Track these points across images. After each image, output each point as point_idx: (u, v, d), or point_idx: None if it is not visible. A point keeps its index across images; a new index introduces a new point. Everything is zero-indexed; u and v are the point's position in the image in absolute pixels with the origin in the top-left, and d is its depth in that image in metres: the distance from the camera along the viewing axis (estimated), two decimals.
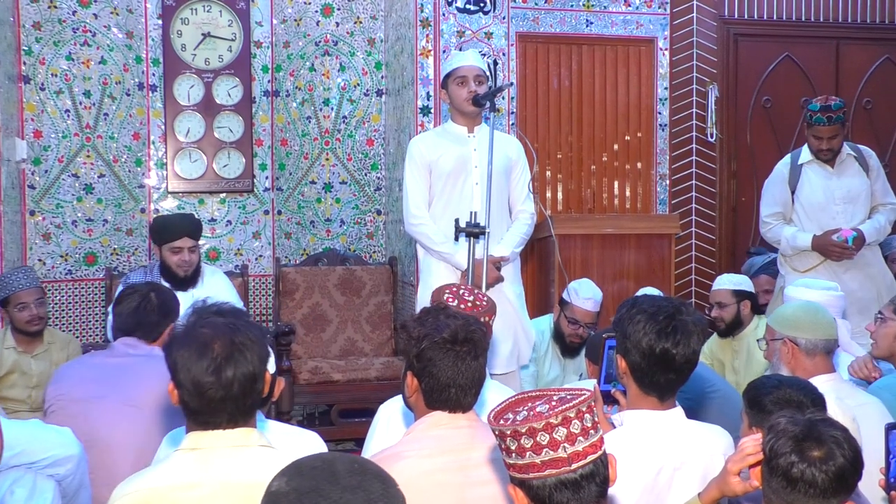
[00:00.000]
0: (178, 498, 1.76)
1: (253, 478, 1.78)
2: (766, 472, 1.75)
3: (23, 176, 5.25)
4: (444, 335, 2.04)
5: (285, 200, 5.82)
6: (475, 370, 2.06)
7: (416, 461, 1.99)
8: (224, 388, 1.78)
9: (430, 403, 2.08)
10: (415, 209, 3.80)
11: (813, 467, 1.69)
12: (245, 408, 1.83)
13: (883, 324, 3.10)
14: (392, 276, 5.67)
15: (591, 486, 1.56)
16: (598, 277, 4.88)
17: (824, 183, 4.40)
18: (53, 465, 2.26)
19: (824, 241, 4.28)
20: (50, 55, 5.32)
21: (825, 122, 4.29)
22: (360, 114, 5.92)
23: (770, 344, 2.87)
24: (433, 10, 5.18)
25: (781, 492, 1.72)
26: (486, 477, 2.00)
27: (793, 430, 1.73)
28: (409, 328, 2.11)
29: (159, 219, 4.69)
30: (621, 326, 2.22)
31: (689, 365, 2.18)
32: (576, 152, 5.57)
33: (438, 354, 2.04)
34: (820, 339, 2.76)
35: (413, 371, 2.08)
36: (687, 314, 2.18)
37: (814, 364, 2.75)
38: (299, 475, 1.38)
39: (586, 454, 1.55)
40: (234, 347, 1.80)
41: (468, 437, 2.04)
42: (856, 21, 5.95)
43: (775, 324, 2.85)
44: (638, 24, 5.54)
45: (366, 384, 5.11)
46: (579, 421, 1.55)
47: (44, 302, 4.31)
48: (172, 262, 4.24)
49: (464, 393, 2.06)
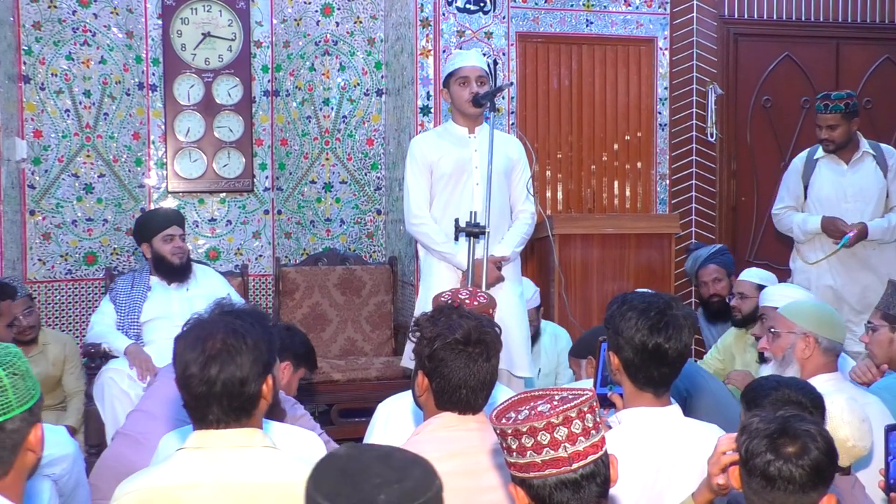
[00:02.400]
0: (179, 497, 1.77)
1: (255, 478, 1.79)
2: (745, 473, 1.75)
3: (23, 176, 5.25)
4: (456, 336, 2.03)
5: (285, 200, 5.82)
6: (487, 372, 2.05)
7: None
8: (206, 385, 1.79)
9: (440, 404, 2.07)
10: (416, 209, 3.79)
11: (789, 463, 1.69)
12: (233, 409, 1.82)
13: (875, 333, 3.10)
14: (392, 275, 5.67)
15: (591, 486, 1.56)
16: (597, 277, 4.89)
17: (836, 179, 4.40)
18: (49, 464, 2.25)
19: (832, 222, 4.32)
20: (50, 55, 5.32)
21: (822, 109, 4.35)
22: (360, 113, 5.92)
23: (784, 336, 2.80)
24: (433, 10, 5.18)
25: (762, 492, 1.72)
26: (496, 481, 1.99)
27: (766, 428, 1.73)
28: (421, 328, 2.09)
29: (142, 217, 4.70)
30: (612, 323, 2.23)
31: (681, 358, 2.20)
32: (576, 152, 5.57)
33: (450, 355, 2.02)
34: (838, 340, 2.79)
35: (424, 371, 2.07)
36: (677, 308, 2.21)
37: (825, 363, 2.75)
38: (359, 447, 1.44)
39: (587, 454, 1.56)
40: (225, 348, 1.80)
41: (478, 439, 2.03)
42: (856, 21, 5.95)
43: (797, 318, 2.80)
44: (638, 23, 5.54)
45: (366, 384, 5.11)
46: (580, 421, 1.55)
47: (33, 310, 4.27)
48: (167, 251, 4.24)
49: (475, 394, 2.05)
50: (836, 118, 4.31)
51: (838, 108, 4.30)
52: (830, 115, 4.32)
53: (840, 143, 4.36)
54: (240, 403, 1.82)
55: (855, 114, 4.38)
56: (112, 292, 4.43)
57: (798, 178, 4.50)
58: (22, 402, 1.58)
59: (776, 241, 5.78)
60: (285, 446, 2.01)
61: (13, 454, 1.57)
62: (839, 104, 4.30)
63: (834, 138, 4.34)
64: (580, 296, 4.83)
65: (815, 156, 4.47)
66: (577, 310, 4.66)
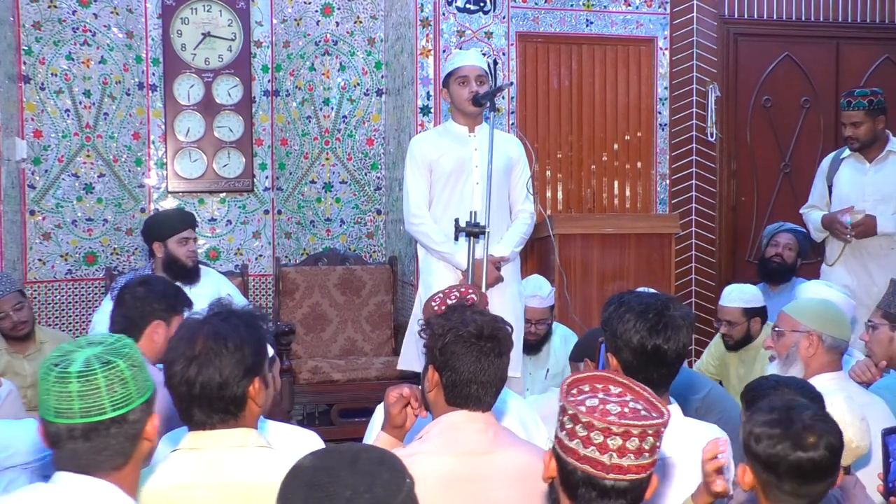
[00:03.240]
0: (175, 498, 1.77)
1: (250, 478, 1.79)
2: (774, 479, 1.75)
3: (23, 176, 5.25)
4: (469, 329, 2.01)
5: (285, 200, 5.82)
6: (498, 368, 2.03)
7: (429, 462, 1.95)
8: (186, 386, 1.81)
9: (450, 400, 2.04)
10: (415, 209, 3.79)
11: (813, 451, 1.72)
12: (215, 411, 1.82)
13: (875, 331, 3.09)
14: (392, 275, 5.67)
15: (619, 499, 1.54)
16: (597, 277, 4.89)
17: (857, 178, 4.33)
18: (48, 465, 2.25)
19: (832, 218, 4.29)
20: (50, 55, 5.32)
21: (845, 106, 4.27)
22: (360, 113, 5.92)
23: (788, 335, 2.79)
24: (433, 10, 5.18)
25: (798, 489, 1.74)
26: (502, 483, 1.98)
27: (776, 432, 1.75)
28: (432, 324, 2.08)
29: (159, 215, 4.69)
30: (610, 325, 2.23)
31: (679, 359, 2.21)
32: (576, 152, 5.56)
33: (462, 349, 2.01)
34: (843, 338, 2.77)
35: (435, 365, 2.05)
36: (675, 309, 2.20)
37: (829, 361, 2.75)
38: (325, 454, 1.43)
39: (628, 471, 1.52)
40: (204, 351, 1.81)
41: (487, 440, 2.01)
42: (856, 21, 5.94)
43: (801, 316, 2.79)
44: (638, 23, 5.54)
45: (366, 384, 5.11)
46: (639, 440, 1.51)
47: (24, 305, 4.22)
48: (182, 254, 4.19)
49: (485, 390, 2.02)
50: (860, 115, 4.22)
51: (862, 105, 4.20)
52: (854, 111, 4.22)
53: (865, 140, 4.25)
54: (221, 406, 1.82)
55: (880, 111, 4.25)
56: (114, 291, 4.42)
57: (823, 177, 4.44)
58: (141, 394, 1.63)
59: None
60: (284, 446, 2.01)
61: (133, 445, 1.62)
62: (863, 101, 4.21)
63: (858, 136, 4.24)
64: (580, 295, 4.83)
65: (842, 155, 4.40)
66: (576, 310, 4.65)
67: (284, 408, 4.57)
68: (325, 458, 1.42)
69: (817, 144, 5.91)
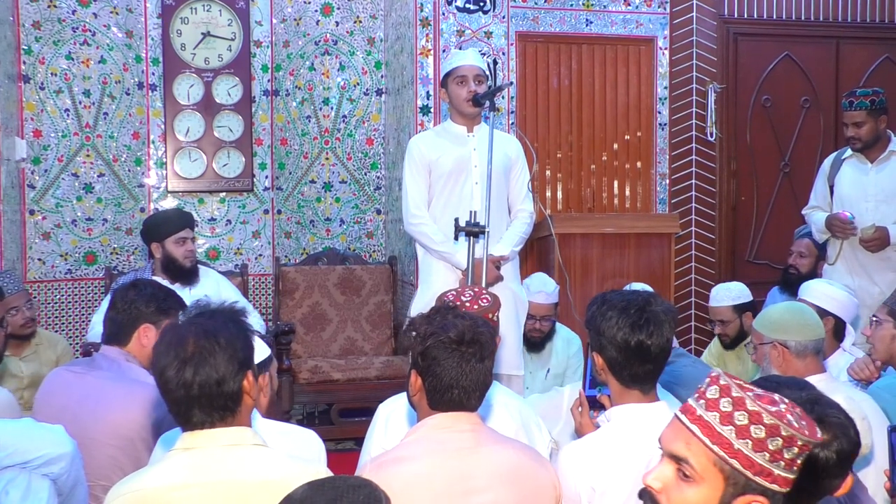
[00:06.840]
0: (172, 498, 1.77)
1: (246, 476, 1.78)
2: None
3: (22, 175, 5.25)
4: (450, 335, 2.00)
5: (285, 200, 5.82)
6: (480, 372, 2.02)
7: (414, 465, 1.96)
8: (184, 389, 1.80)
9: (432, 404, 2.04)
10: (414, 209, 3.79)
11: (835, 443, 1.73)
12: (215, 409, 1.83)
13: (878, 326, 3.07)
14: (392, 275, 5.66)
15: None
16: (597, 276, 4.89)
17: (858, 178, 4.32)
18: (47, 463, 2.25)
19: (832, 217, 4.28)
20: (49, 54, 5.32)
21: (847, 106, 4.27)
22: (359, 113, 5.92)
23: (759, 348, 2.81)
24: (433, 10, 5.18)
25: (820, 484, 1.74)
26: (488, 484, 1.98)
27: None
28: (416, 326, 2.08)
29: (157, 215, 4.68)
30: (594, 324, 2.25)
31: (663, 354, 2.22)
32: (576, 152, 5.56)
33: (443, 354, 2.00)
34: (809, 339, 2.73)
35: (417, 369, 2.05)
36: (656, 304, 2.22)
37: (805, 365, 2.71)
38: (314, 488, 1.49)
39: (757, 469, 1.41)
40: (197, 350, 1.81)
41: (471, 441, 2.01)
42: (856, 21, 5.94)
43: (763, 328, 2.80)
44: (638, 23, 5.54)
45: (366, 383, 5.11)
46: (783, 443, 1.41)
47: (32, 304, 4.24)
48: (179, 254, 4.20)
49: (467, 395, 2.02)
50: (862, 115, 4.21)
51: (863, 105, 4.20)
52: (856, 111, 4.22)
53: (867, 140, 4.25)
54: (221, 403, 1.82)
55: (882, 111, 4.25)
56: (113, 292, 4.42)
57: (824, 178, 4.43)
58: None
59: (776, 241, 5.79)
60: (282, 445, 2.01)
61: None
62: (865, 101, 4.20)
63: (860, 136, 4.23)
64: (580, 295, 4.82)
65: (843, 156, 4.39)
66: (577, 309, 4.65)
67: (284, 407, 4.57)
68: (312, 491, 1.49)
69: (817, 144, 5.91)
